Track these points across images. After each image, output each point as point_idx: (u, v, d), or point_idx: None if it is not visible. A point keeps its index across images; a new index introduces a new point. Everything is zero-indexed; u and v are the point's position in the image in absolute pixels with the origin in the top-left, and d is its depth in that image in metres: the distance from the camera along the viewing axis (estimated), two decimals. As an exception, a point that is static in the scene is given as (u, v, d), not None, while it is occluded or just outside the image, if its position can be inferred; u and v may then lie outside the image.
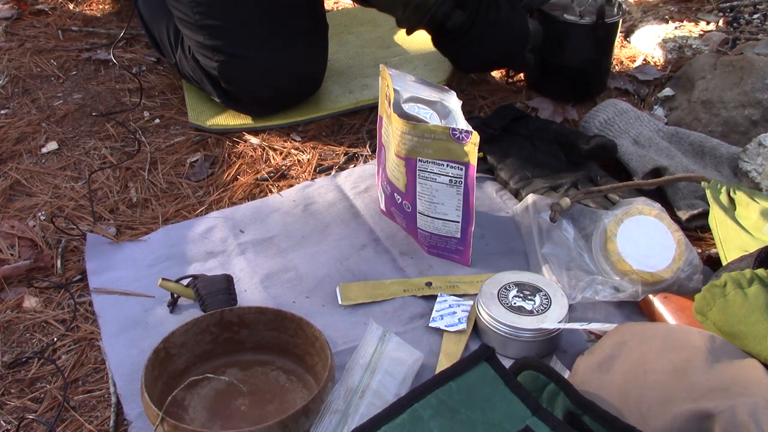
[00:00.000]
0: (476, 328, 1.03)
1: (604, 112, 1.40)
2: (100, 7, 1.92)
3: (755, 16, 1.82)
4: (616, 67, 1.66)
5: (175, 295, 1.07)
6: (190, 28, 1.41)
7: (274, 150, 1.41)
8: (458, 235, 1.12)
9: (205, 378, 0.95)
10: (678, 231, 1.09)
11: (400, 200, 1.15)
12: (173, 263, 1.16)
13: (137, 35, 1.77)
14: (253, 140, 1.43)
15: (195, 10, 1.38)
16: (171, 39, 1.49)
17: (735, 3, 1.87)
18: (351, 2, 1.90)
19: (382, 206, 1.23)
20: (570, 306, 1.02)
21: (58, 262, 1.17)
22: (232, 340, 0.99)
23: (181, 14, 1.41)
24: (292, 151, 1.41)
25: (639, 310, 1.05)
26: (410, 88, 1.14)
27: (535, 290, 1.02)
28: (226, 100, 1.46)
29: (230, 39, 1.39)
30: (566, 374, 0.92)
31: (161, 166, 1.37)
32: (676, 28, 1.76)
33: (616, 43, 1.53)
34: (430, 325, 1.04)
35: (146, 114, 1.52)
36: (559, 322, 0.98)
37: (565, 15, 1.46)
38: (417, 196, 1.11)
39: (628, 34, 1.78)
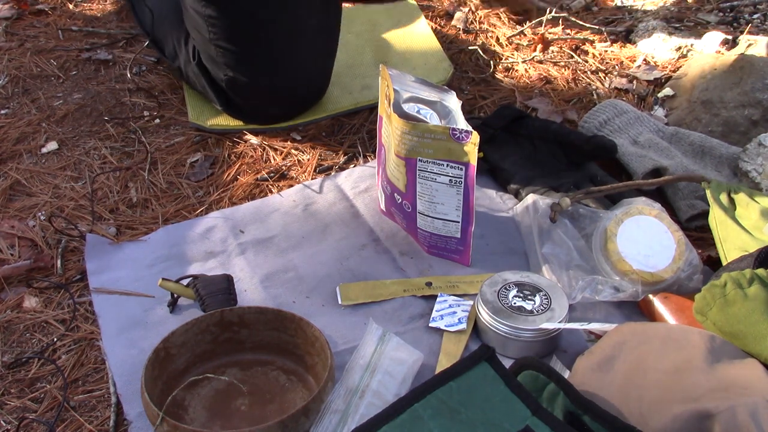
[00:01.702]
0: (476, 328, 1.03)
1: (604, 112, 1.40)
2: (100, 7, 1.92)
3: (755, 16, 1.82)
4: (616, 67, 1.66)
5: (175, 295, 1.07)
6: (203, 39, 1.39)
7: (274, 150, 1.41)
8: (458, 235, 1.12)
9: (205, 378, 0.95)
10: (678, 231, 1.09)
11: (400, 200, 1.15)
12: (173, 263, 1.16)
13: (138, 35, 1.77)
14: (253, 140, 1.43)
15: (210, 29, 1.36)
16: (175, 42, 1.48)
17: (735, 3, 1.87)
18: (351, 2, 1.90)
19: (382, 206, 1.23)
20: (570, 306, 1.02)
21: (58, 262, 1.17)
22: (232, 340, 0.99)
23: (195, 22, 1.39)
24: (292, 151, 1.41)
25: (639, 310, 1.05)
26: (410, 88, 1.14)
27: (535, 290, 1.02)
28: (228, 109, 1.46)
29: (241, 63, 1.38)
30: (566, 374, 0.92)
31: (161, 166, 1.37)
32: (676, 28, 1.76)
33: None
34: (430, 325, 1.04)
35: (146, 114, 1.52)
36: (559, 322, 0.98)
37: None
38: (417, 196, 1.11)
39: (628, 34, 1.78)
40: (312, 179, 1.34)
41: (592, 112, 1.41)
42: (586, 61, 1.68)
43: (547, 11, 1.81)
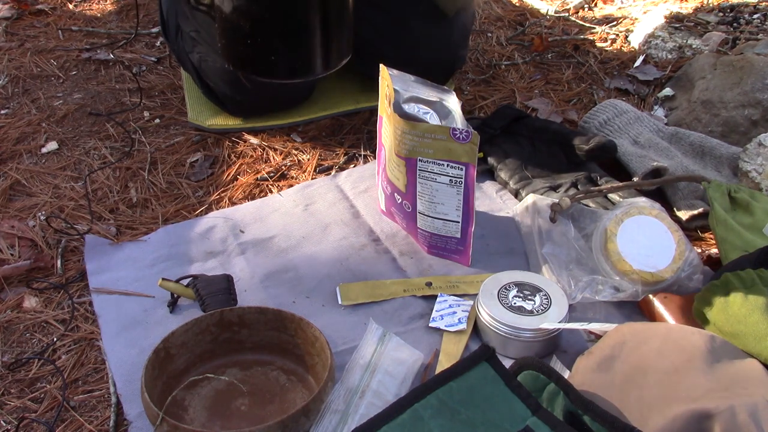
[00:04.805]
0: (476, 328, 1.03)
1: (604, 112, 1.40)
2: (100, 7, 1.92)
3: (755, 16, 1.82)
4: (616, 67, 1.66)
5: (175, 295, 1.07)
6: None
7: (274, 150, 1.41)
8: (458, 235, 1.12)
9: (205, 378, 0.95)
10: (678, 231, 1.09)
11: (400, 200, 1.15)
12: (173, 263, 1.16)
13: (138, 35, 1.78)
14: (253, 140, 1.43)
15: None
16: (172, 25, 1.48)
17: (735, 3, 1.87)
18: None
19: (382, 206, 1.23)
20: (570, 306, 1.02)
21: (58, 262, 1.17)
22: (232, 340, 0.99)
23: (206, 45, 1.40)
24: (292, 151, 1.41)
25: (639, 310, 1.05)
26: (410, 88, 1.14)
27: (535, 290, 1.02)
28: (212, 97, 1.46)
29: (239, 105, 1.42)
30: (566, 374, 0.92)
31: (161, 166, 1.37)
32: (676, 28, 1.76)
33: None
34: (430, 325, 1.04)
35: (146, 114, 1.52)
36: (559, 322, 0.98)
37: None
38: (417, 196, 1.11)
39: (628, 34, 1.78)
40: (312, 179, 1.34)
41: (592, 112, 1.41)
42: (586, 61, 1.68)
43: (547, 11, 1.81)
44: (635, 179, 1.26)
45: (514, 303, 1.00)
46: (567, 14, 1.86)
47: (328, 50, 1.13)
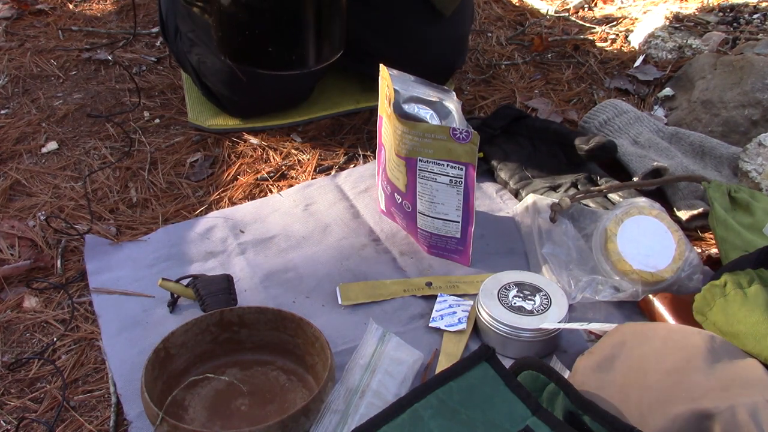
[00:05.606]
0: (476, 328, 1.03)
1: (604, 112, 1.40)
2: (100, 7, 1.92)
3: (755, 16, 1.82)
4: (617, 67, 1.66)
5: (175, 295, 1.07)
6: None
7: (274, 150, 1.41)
8: (458, 235, 1.12)
9: (205, 378, 0.95)
10: (678, 231, 1.09)
11: (400, 200, 1.15)
12: (173, 263, 1.16)
13: (138, 35, 1.78)
14: (253, 140, 1.43)
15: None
16: (171, 26, 1.47)
17: (735, 3, 1.87)
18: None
19: (382, 206, 1.23)
20: (570, 306, 1.02)
21: (58, 262, 1.17)
22: (232, 340, 0.99)
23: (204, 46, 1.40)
24: (292, 151, 1.41)
25: (639, 310, 1.05)
26: (410, 88, 1.14)
27: (535, 290, 1.02)
28: (211, 98, 1.46)
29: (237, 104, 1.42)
30: (566, 374, 0.92)
31: (161, 166, 1.37)
32: (676, 28, 1.76)
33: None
34: (430, 325, 1.04)
35: (146, 114, 1.52)
36: (559, 322, 0.98)
37: None
38: (417, 196, 1.11)
39: (628, 34, 1.78)
40: (312, 179, 1.34)
41: (592, 112, 1.41)
42: (586, 61, 1.68)
43: (547, 11, 1.81)
44: (635, 179, 1.26)
45: (514, 303, 1.00)
46: (567, 14, 1.86)
47: (321, 43, 1.15)
